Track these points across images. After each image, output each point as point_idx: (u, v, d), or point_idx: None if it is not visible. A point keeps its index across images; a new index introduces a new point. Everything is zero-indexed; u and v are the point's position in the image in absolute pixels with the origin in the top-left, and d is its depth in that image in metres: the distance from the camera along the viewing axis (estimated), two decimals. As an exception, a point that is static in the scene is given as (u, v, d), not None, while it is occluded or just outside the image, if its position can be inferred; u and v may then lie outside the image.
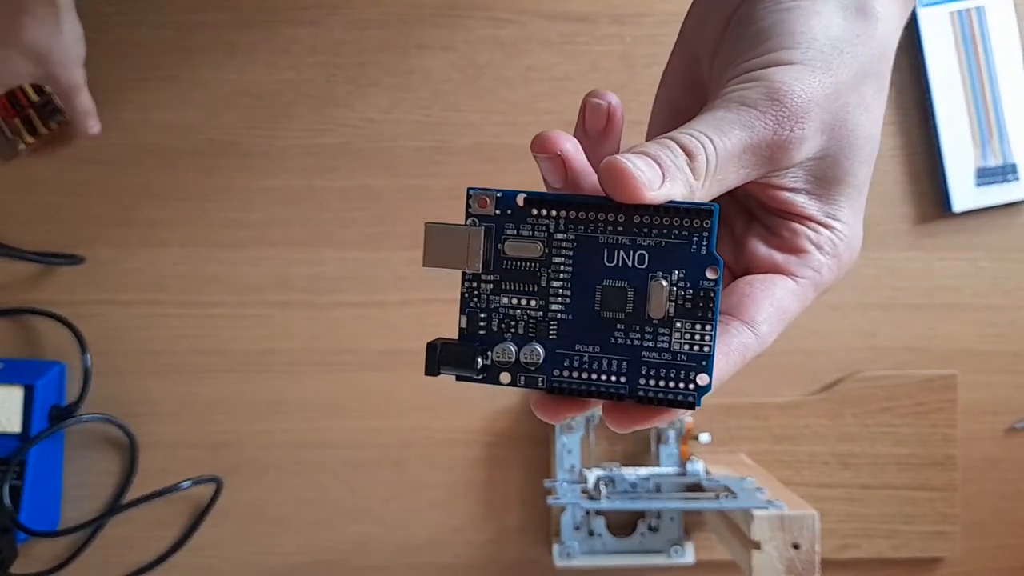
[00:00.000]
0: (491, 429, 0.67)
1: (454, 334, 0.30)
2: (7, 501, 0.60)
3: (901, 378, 0.67)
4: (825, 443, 0.67)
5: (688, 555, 0.65)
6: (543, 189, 0.31)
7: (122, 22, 0.67)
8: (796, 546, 0.52)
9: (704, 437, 0.65)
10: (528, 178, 0.66)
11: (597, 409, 0.30)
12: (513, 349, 0.30)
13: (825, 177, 0.31)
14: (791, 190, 0.31)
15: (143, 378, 0.66)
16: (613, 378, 0.29)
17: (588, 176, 0.30)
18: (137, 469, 0.66)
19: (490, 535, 0.67)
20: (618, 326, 0.29)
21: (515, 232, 0.30)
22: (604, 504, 0.59)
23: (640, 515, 0.66)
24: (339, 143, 0.67)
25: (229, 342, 0.67)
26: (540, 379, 0.30)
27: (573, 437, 0.65)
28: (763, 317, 0.31)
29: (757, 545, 0.52)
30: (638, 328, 0.29)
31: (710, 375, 0.28)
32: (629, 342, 0.29)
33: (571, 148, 0.30)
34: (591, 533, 0.65)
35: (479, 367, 0.30)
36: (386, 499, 0.67)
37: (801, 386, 0.68)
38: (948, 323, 0.69)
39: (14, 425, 0.61)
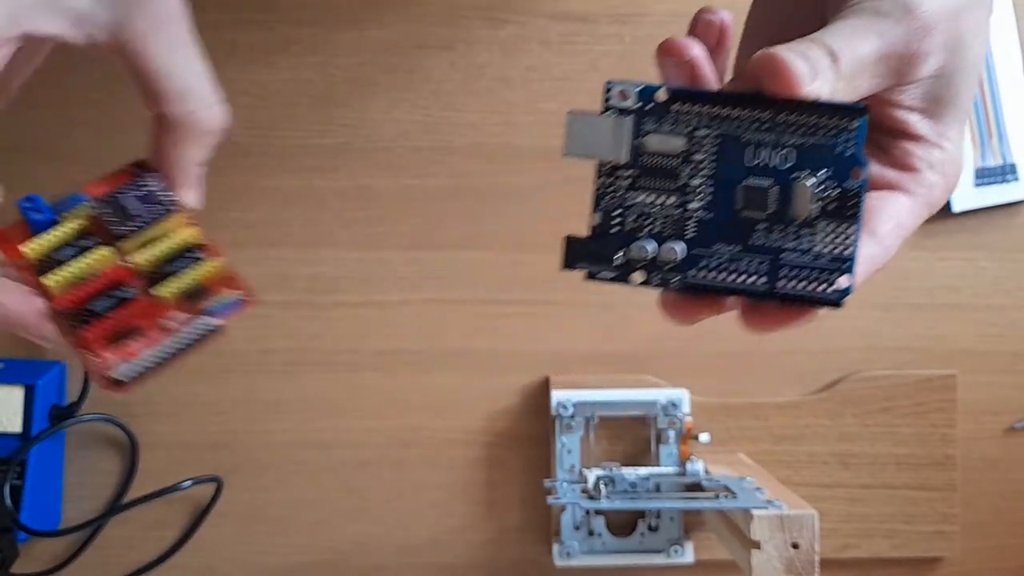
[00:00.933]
0: (491, 429, 0.67)
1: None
2: (8, 501, 0.60)
3: (901, 378, 0.67)
4: (825, 443, 0.67)
5: (688, 555, 0.65)
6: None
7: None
8: (795, 546, 0.52)
9: (704, 437, 0.65)
10: (529, 178, 0.66)
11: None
12: (651, 247, 0.29)
13: (939, 97, 0.32)
14: (907, 108, 0.32)
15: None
16: (752, 279, 0.29)
17: (713, 85, 0.30)
18: (137, 469, 0.66)
19: (490, 535, 0.67)
20: (759, 226, 0.28)
21: (656, 127, 0.29)
22: (604, 504, 0.59)
23: (640, 515, 0.66)
24: (339, 143, 0.67)
25: (229, 342, 0.66)
26: (675, 279, 0.29)
27: (573, 437, 0.65)
28: (886, 230, 0.31)
29: (756, 545, 0.52)
30: (780, 229, 0.28)
31: (852, 277, 0.28)
32: (770, 243, 0.28)
33: (701, 54, 0.30)
34: (591, 533, 0.65)
35: (616, 264, 0.29)
36: (386, 499, 0.67)
37: (801, 386, 0.68)
38: (948, 323, 0.69)
39: (14, 425, 0.61)
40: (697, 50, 0.30)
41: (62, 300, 0.34)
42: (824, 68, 0.28)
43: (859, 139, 0.28)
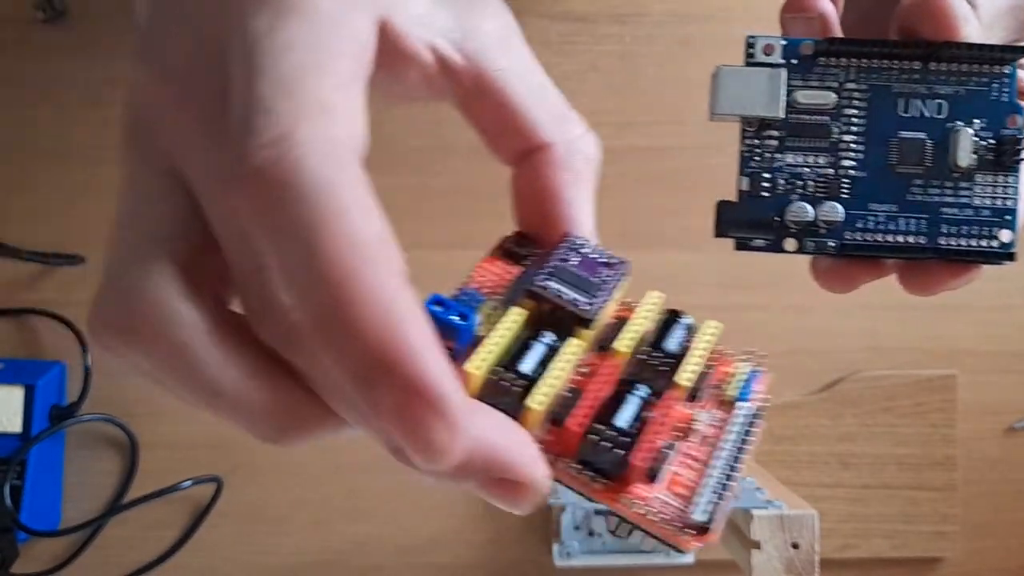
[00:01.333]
0: (491, 429, 0.67)
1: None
2: (7, 501, 0.60)
3: (901, 378, 0.67)
4: (825, 443, 0.67)
5: (688, 555, 0.65)
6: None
7: (122, 21, 0.67)
8: (795, 546, 0.52)
9: (704, 437, 0.65)
10: (528, 178, 0.66)
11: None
12: (810, 209, 0.27)
13: None
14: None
15: (143, 378, 0.66)
16: (911, 237, 0.27)
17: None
18: (137, 469, 0.66)
19: (490, 535, 0.67)
20: (915, 181, 0.27)
21: (804, 82, 0.27)
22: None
23: (640, 515, 0.65)
24: (339, 143, 0.67)
25: (229, 342, 0.67)
26: (831, 243, 0.28)
27: (573, 437, 0.65)
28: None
29: (756, 545, 0.52)
30: (937, 183, 0.27)
31: (1014, 231, 0.27)
32: (928, 198, 0.27)
33: (830, 8, 0.29)
34: (591, 533, 0.65)
35: (773, 229, 0.28)
36: (386, 499, 0.67)
37: (801, 386, 0.68)
38: (949, 323, 0.69)
39: (14, 425, 0.61)
40: (827, 4, 0.29)
41: (569, 426, 0.22)
42: (969, 14, 0.28)
43: (1012, 84, 0.27)
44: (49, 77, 0.66)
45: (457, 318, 0.23)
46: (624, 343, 0.24)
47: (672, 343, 0.25)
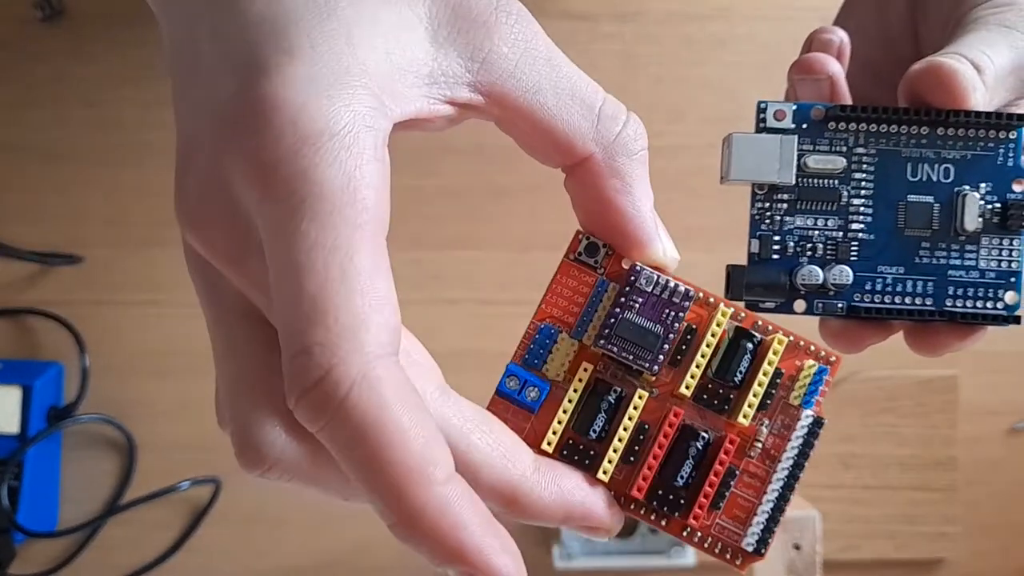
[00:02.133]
0: (491, 430, 0.67)
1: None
2: (5, 502, 0.60)
3: (902, 378, 0.67)
4: (826, 444, 0.67)
5: (689, 556, 0.64)
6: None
7: (121, 20, 0.66)
8: (797, 547, 0.52)
9: (705, 438, 0.64)
10: (528, 178, 0.66)
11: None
12: (819, 272, 0.28)
13: None
14: None
15: (142, 378, 0.66)
16: (919, 299, 0.28)
17: (847, 100, 0.30)
18: (135, 470, 0.65)
19: (490, 536, 0.67)
20: (923, 244, 0.28)
21: (814, 146, 0.28)
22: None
23: (640, 516, 0.65)
24: (338, 143, 0.67)
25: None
26: (840, 305, 0.28)
27: (573, 438, 0.64)
28: None
29: (758, 546, 0.52)
30: (944, 246, 0.28)
31: (1019, 292, 0.28)
32: (935, 261, 0.28)
33: (838, 70, 0.29)
34: (591, 534, 0.64)
35: (786, 291, 0.28)
36: (385, 500, 0.67)
37: (802, 387, 0.68)
38: (949, 323, 0.68)
39: (12, 426, 0.61)
40: (836, 66, 0.29)
41: (636, 478, 0.26)
42: (976, 81, 0.28)
43: (1018, 149, 0.28)
44: (48, 77, 0.66)
45: (533, 392, 0.27)
46: (688, 384, 0.26)
47: (736, 373, 0.26)
